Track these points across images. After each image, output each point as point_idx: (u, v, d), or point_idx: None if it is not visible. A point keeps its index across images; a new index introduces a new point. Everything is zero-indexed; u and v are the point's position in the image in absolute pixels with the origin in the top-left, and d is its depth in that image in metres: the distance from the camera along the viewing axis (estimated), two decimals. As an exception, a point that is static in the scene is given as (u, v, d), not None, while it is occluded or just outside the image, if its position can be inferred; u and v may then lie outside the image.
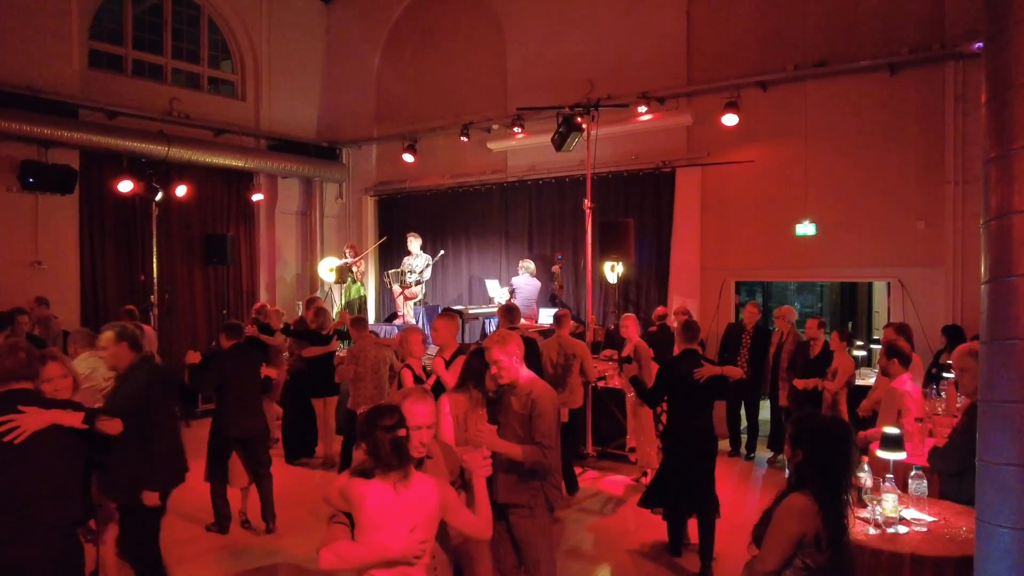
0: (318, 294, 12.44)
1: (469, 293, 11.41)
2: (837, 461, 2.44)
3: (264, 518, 5.65)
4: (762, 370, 7.58)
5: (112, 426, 3.07)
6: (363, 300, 11.11)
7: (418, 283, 10.46)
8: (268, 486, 5.65)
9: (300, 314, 8.94)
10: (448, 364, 4.75)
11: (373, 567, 2.43)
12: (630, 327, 6.84)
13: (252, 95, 11.90)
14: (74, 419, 2.94)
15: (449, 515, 2.61)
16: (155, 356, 5.86)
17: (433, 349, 5.37)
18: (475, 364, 3.60)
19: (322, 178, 12.53)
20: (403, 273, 10.38)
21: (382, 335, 9.65)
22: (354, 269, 10.94)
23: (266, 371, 6.00)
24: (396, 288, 10.46)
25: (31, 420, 2.83)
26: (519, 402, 3.42)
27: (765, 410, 8.03)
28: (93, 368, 4.62)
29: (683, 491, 4.88)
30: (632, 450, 7.17)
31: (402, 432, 2.51)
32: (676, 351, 5.28)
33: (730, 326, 8.23)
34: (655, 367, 6.56)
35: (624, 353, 6.80)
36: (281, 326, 8.18)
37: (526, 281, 9.54)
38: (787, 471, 2.62)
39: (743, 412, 8.00)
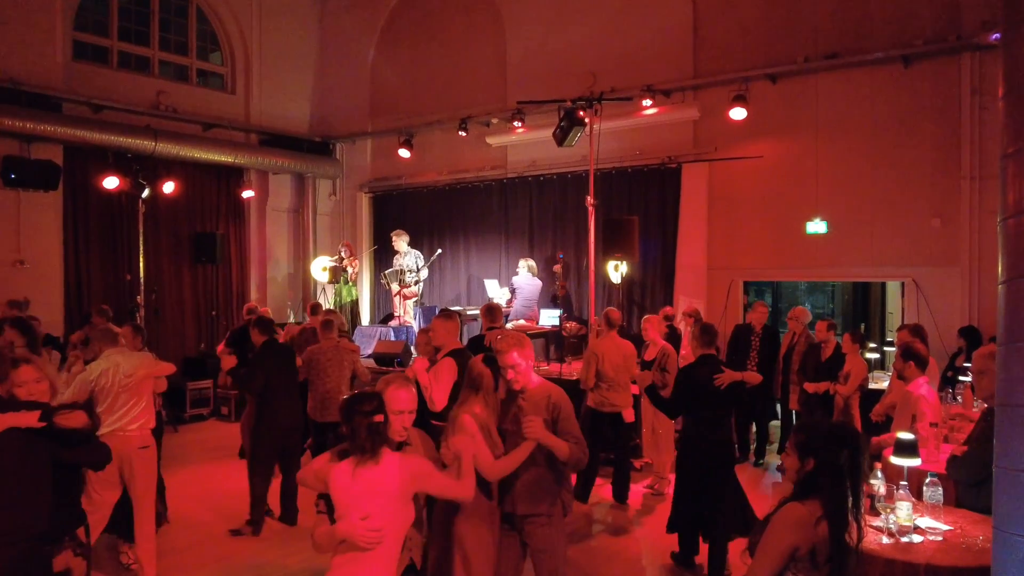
0: (310, 295, 12.49)
1: (467, 293, 11.41)
2: (848, 470, 2.40)
3: (287, 510, 5.82)
4: (772, 373, 7.57)
5: (75, 419, 2.97)
6: (355, 302, 11.11)
7: (417, 283, 10.46)
8: (295, 482, 5.70)
9: (296, 320, 8.98)
10: (433, 363, 4.75)
11: (334, 552, 2.62)
12: (651, 329, 6.80)
13: (242, 88, 11.90)
14: (29, 419, 2.85)
15: (422, 485, 2.77)
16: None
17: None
18: (479, 369, 3.51)
19: (315, 174, 12.53)
20: (401, 272, 10.37)
21: (378, 337, 9.69)
22: (349, 270, 10.94)
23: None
24: (394, 287, 10.46)
25: None
26: (535, 408, 3.40)
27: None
28: (116, 364, 4.63)
29: (699, 504, 4.79)
30: (648, 465, 7.18)
31: (379, 417, 2.66)
32: (691, 356, 5.23)
33: (738, 328, 8.21)
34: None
35: (647, 357, 6.68)
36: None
37: (527, 280, 9.54)
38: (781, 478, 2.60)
39: (752, 417, 8.01)
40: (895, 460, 3.74)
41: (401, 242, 10.57)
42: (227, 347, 7.38)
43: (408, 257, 10.52)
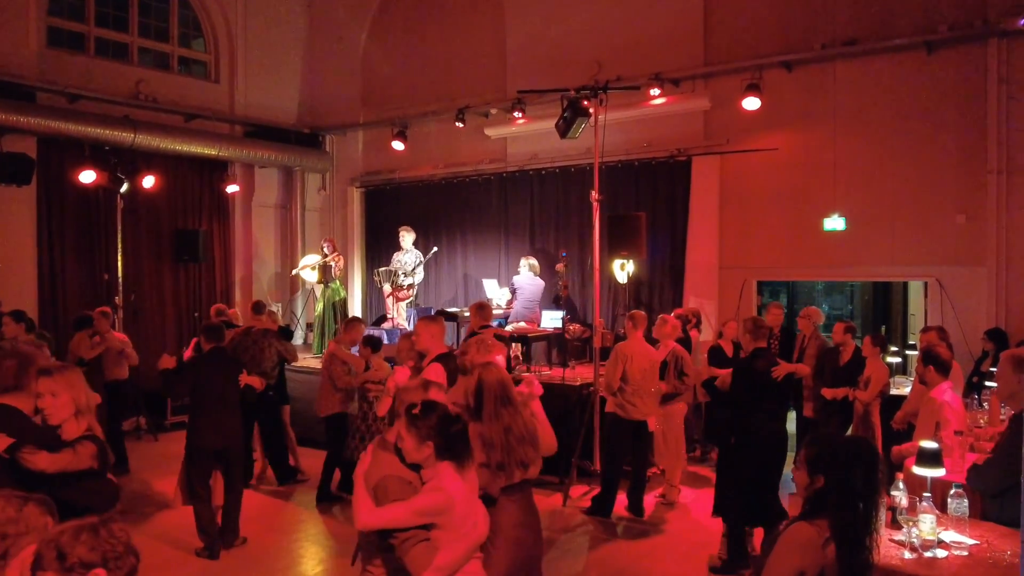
0: (299, 295, 12.49)
1: (464, 294, 11.41)
2: (862, 489, 2.38)
3: (225, 532, 5.67)
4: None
5: (37, 460, 2.87)
6: (343, 302, 11.10)
7: (411, 286, 10.45)
8: (235, 500, 5.70)
9: (284, 324, 8.98)
10: (415, 371, 4.72)
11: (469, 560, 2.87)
12: (667, 329, 6.84)
13: (227, 77, 11.90)
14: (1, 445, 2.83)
15: None
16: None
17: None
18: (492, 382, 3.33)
19: (303, 168, 12.53)
20: (394, 272, 10.37)
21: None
22: (332, 266, 10.91)
23: (247, 380, 5.99)
24: (387, 288, 10.45)
25: None
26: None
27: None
28: None
29: (758, 500, 4.99)
30: (656, 475, 7.20)
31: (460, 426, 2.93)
32: (742, 351, 5.55)
33: None
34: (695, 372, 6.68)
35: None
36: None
37: (529, 280, 9.53)
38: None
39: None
40: (917, 470, 3.74)
41: (408, 239, 10.57)
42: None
43: (409, 255, 10.52)
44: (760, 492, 4.99)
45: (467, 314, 9.63)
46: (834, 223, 8.53)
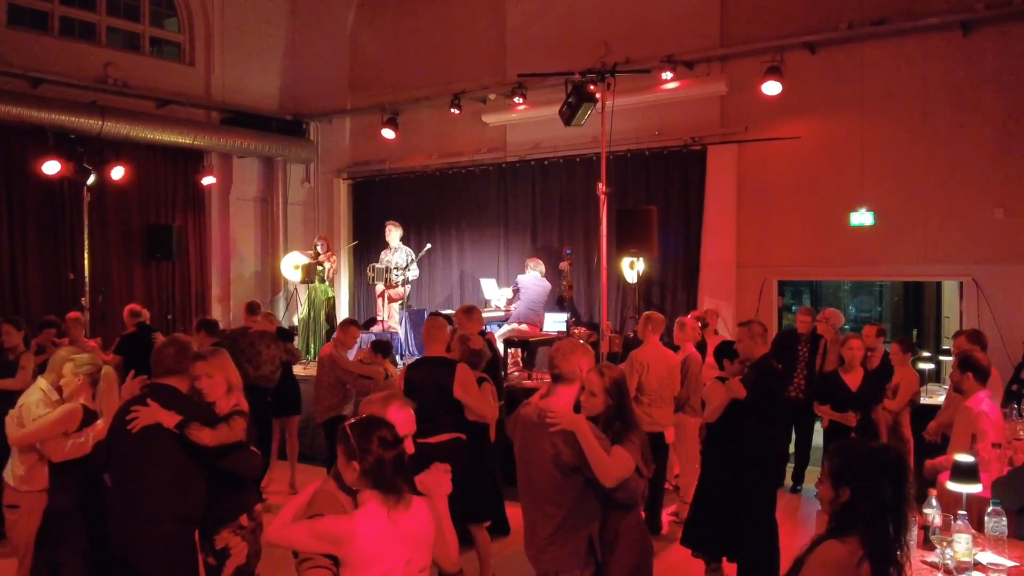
0: (281, 295, 12.49)
1: (461, 294, 11.41)
2: (891, 502, 2.37)
3: None
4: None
5: (202, 436, 3.54)
6: (332, 303, 11.11)
7: (406, 282, 10.46)
8: None
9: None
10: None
11: None
12: (688, 333, 6.84)
13: (202, 59, 11.90)
14: (170, 422, 3.52)
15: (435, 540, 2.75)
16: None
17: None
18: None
19: (286, 158, 12.53)
20: (388, 271, 10.38)
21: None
22: (326, 265, 10.92)
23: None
24: (379, 287, 10.46)
25: (145, 414, 3.51)
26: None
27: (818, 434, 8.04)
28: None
29: (732, 523, 4.96)
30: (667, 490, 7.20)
31: (409, 448, 2.75)
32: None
33: (783, 334, 8.26)
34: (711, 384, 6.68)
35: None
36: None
37: (534, 281, 9.52)
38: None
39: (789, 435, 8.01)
40: (952, 486, 3.74)
41: (395, 235, 10.57)
42: (115, 356, 7.49)
43: (399, 253, 10.52)
44: (753, 519, 4.92)
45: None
46: (861, 218, 8.53)
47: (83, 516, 4.09)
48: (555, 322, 9.39)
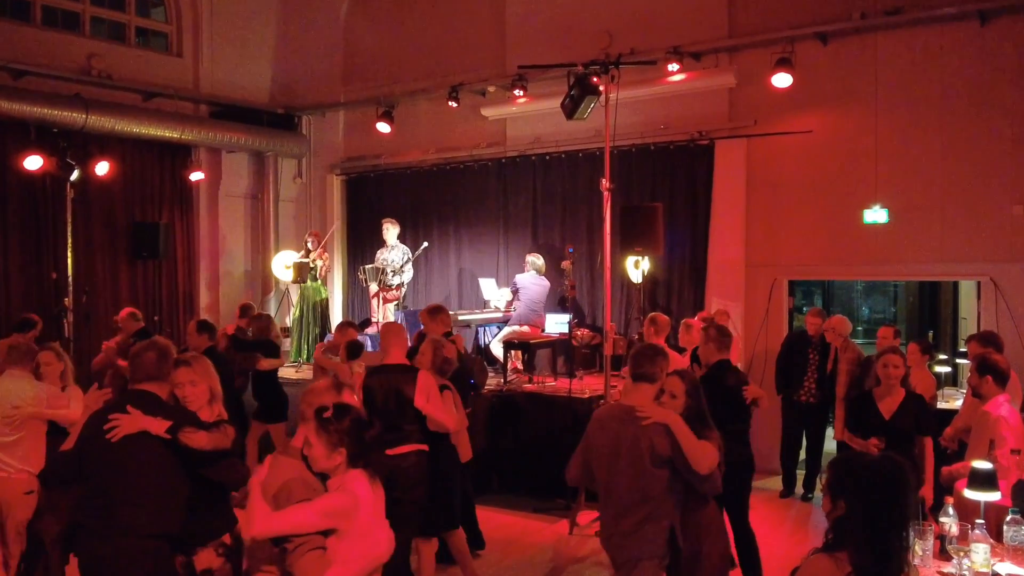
0: (272, 296, 12.49)
1: (459, 294, 11.41)
2: (889, 517, 2.35)
3: None
4: (833, 390, 7.60)
5: (198, 439, 3.43)
6: (325, 303, 11.10)
7: (400, 285, 10.46)
8: None
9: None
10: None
11: None
12: (694, 335, 6.82)
13: (190, 50, 11.90)
14: (159, 428, 3.40)
15: None
16: None
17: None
18: None
19: (277, 152, 12.53)
20: (382, 271, 10.38)
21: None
22: (318, 263, 10.91)
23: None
24: (373, 287, 10.46)
25: (127, 422, 3.39)
26: None
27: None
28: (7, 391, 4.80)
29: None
30: None
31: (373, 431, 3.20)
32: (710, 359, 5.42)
33: (792, 337, 8.29)
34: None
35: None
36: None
37: (533, 280, 9.53)
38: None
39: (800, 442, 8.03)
40: (969, 494, 3.74)
41: (392, 233, 10.57)
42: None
43: (395, 252, 10.52)
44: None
45: (461, 317, 9.68)
46: (875, 215, 8.53)
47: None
48: (557, 323, 9.40)
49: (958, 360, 8.74)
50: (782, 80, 8.46)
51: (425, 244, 10.93)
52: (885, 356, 5.20)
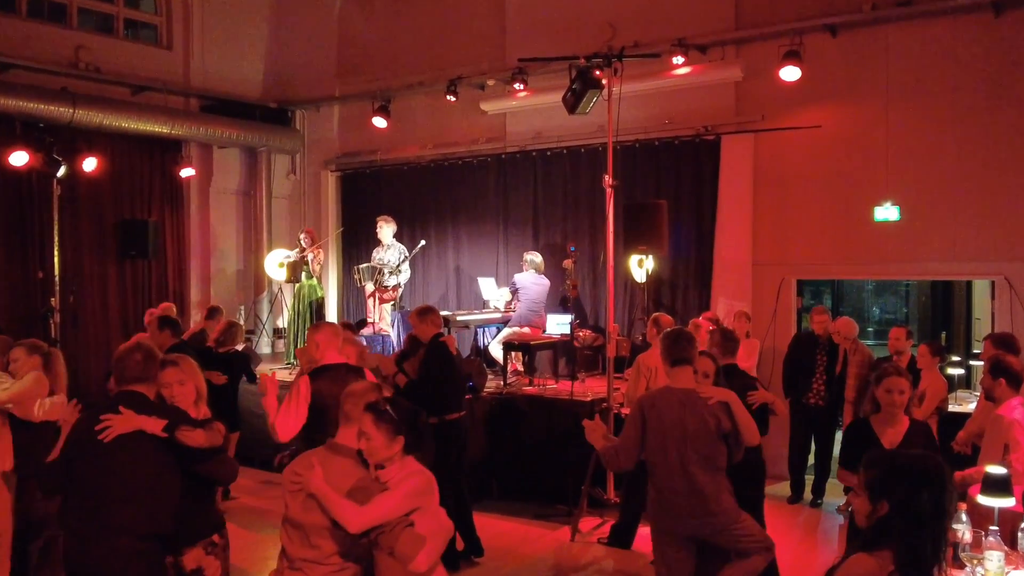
0: (264, 295, 12.50)
1: (457, 294, 11.42)
2: (930, 514, 2.38)
3: None
4: (842, 393, 7.61)
5: (195, 436, 3.52)
6: (320, 302, 11.10)
7: (397, 286, 10.46)
8: None
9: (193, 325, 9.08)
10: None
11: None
12: (702, 336, 6.81)
13: (180, 42, 11.90)
14: (155, 426, 3.48)
15: None
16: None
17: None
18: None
19: (270, 148, 12.53)
20: (378, 270, 10.37)
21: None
22: (310, 258, 10.89)
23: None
24: (369, 287, 10.46)
25: (120, 422, 3.46)
26: None
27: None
28: None
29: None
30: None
31: None
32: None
33: (800, 338, 8.29)
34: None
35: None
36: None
37: (532, 280, 9.53)
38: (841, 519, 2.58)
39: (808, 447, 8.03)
40: (983, 500, 3.74)
41: (387, 231, 10.56)
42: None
43: (391, 251, 10.51)
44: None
45: (460, 317, 9.68)
46: (886, 212, 8.53)
47: None
48: (558, 323, 9.40)
49: (972, 362, 8.76)
50: (790, 73, 8.46)
51: (423, 243, 10.93)
52: (888, 380, 4.31)
